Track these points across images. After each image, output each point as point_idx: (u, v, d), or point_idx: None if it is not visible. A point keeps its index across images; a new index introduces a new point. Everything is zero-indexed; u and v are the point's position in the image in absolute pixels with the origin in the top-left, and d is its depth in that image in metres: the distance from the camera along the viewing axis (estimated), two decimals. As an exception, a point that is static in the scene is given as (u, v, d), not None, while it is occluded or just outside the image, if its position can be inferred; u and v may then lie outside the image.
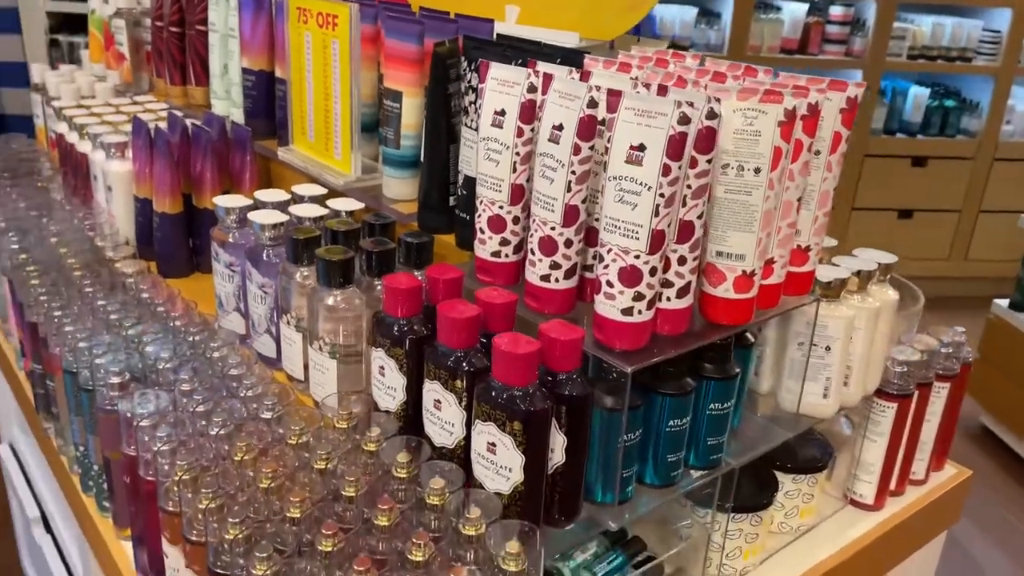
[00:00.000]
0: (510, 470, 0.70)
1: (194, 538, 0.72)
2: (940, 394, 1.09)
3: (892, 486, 1.09)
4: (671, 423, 0.79)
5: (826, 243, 1.00)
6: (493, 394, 0.70)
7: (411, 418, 0.82)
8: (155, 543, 0.79)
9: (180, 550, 0.74)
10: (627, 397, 0.72)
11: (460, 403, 0.75)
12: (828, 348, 0.93)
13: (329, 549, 0.65)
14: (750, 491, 0.94)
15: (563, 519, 0.76)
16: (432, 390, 0.76)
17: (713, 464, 0.85)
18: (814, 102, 0.75)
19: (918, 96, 3.88)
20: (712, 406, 0.82)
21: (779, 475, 0.99)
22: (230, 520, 0.68)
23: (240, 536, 0.67)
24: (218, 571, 0.68)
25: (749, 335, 0.90)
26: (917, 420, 1.07)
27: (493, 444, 0.71)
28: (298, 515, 0.69)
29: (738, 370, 0.83)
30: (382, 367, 0.82)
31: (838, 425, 1.09)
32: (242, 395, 0.86)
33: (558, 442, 0.72)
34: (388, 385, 0.82)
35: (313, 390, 0.92)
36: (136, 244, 1.29)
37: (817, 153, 0.81)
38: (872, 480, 1.06)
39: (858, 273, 0.94)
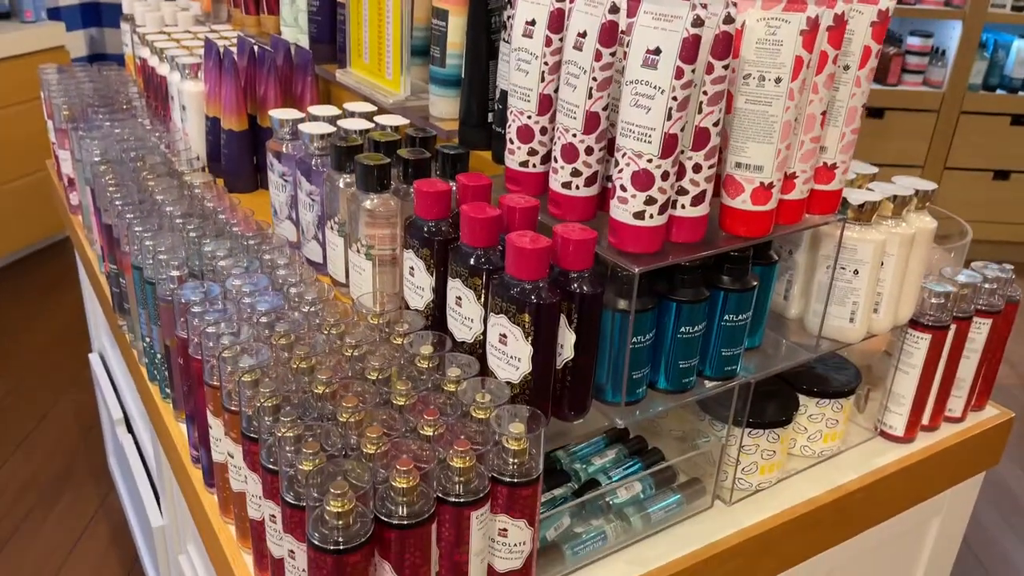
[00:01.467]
0: (519, 360, 0.75)
1: (232, 408, 0.78)
2: (981, 330, 1.08)
3: (925, 420, 1.09)
4: (683, 329, 0.81)
5: (866, 170, 0.99)
6: (505, 288, 0.74)
7: (436, 316, 0.86)
8: (202, 417, 0.87)
9: (220, 420, 0.82)
10: (634, 298, 0.75)
11: (479, 299, 0.79)
12: (856, 272, 0.93)
13: (347, 419, 0.71)
14: (769, 409, 0.96)
15: (573, 414, 0.80)
16: (454, 287, 0.81)
17: (728, 375, 0.87)
18: (840, 12, 0.75)
19: (1022, 50, 3.66)
20: (727, 317, 0.84)
21: (802, 398, 1.00)
22: (261, 391, 0.74)
23: (269, 405, 0.73)
24: (250, 435, 0.75)
25: (773, 253, 0.91)
26: (954, 355, 1.06)
27: (504, 336, 0.75)
28: (323, 391, 0.75)
29: (755, 283, 0.84)
30: (412, 268, 0.87)
31: (877, 360, 1.09)
32: (286, 291, 0.92)
33: (568, 339, 0.76)
34: (417, 285, 0.87)
35: (353, 291, 0.98)
36: (206, 161, 1.37)
37: (846, 68, 0.81)
38: (903, 412, 1.06)
39: (893, 198, 0.94)
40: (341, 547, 0.62)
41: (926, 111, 3.75)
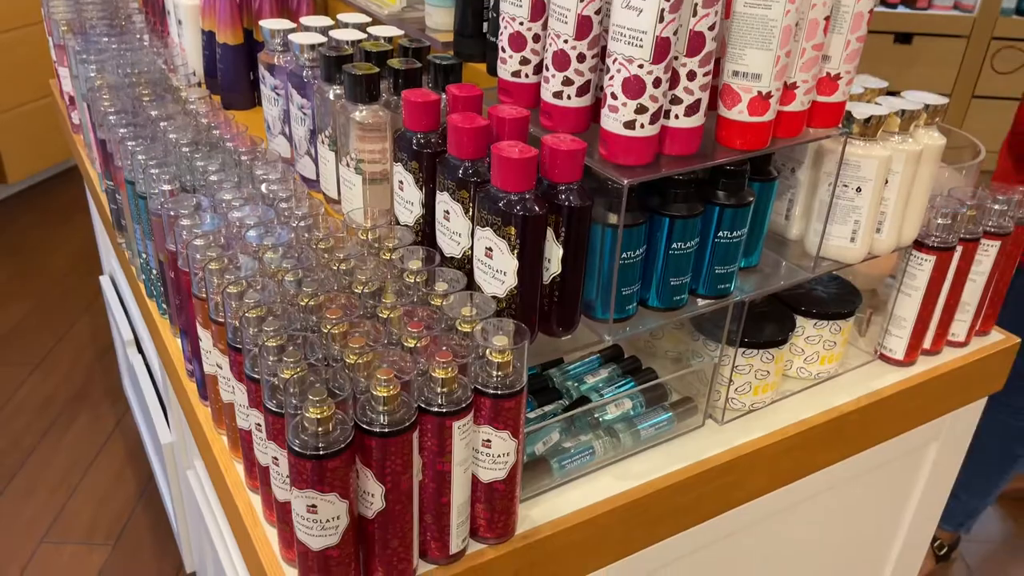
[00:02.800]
0: (504, 274, 0.74)
1: (219, 319, 0.78)
2: (988, 253, 1.05)
3: (927, 344, 1.07)
4: (675, 245, 0.79)
5: (876, 83, 0.95)
6: (491, 200, 0.72)
7: (427, 232, 0.85)
8: (193, 329, 0.87)
9: (209, 332, 0.82)
10: (623, 212, 0.73)
11: (466, 213, 0.77)
12: (859, 189, 0.90)
13: (330, 330, 0.71)
14: (765, 329, 0.95)
15: (561, 329, 0.79)
16: (442, 201, 0.79)
17: (721, 294, 0.85)
18: (846, -91, 0.71)
19: (1060, -31, 3.51)
20: (722, 234, 0.82)
21: (800, 319, 0.99)
22: (246, 302, 0.74)
23: (253, 316, 0.73)
24: (235, 346, 0.75)
25: (773, 170, 0.88)
26: (959, 278, 1.04)
27: (490, 249, 0.74)
28: (307, 302, 0.74)
29: (751, 199, 0.82)
30: (401, 182, 0.85)
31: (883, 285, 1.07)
32: (277, 205, 0.91)
33: (555, 253, 0.74)
34: (406, 199, 0.86)
35: (344, 207, 0.97)
36: (203, 77, 1.34)
37: (853, -29, 0.77)
38: (903, 335, 1.05)
39: (900, 113, 0.90)
40: (320, 452, 0.62)
41: (956, 36, 3.62)
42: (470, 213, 0.77)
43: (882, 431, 1.05)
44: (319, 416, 0.63)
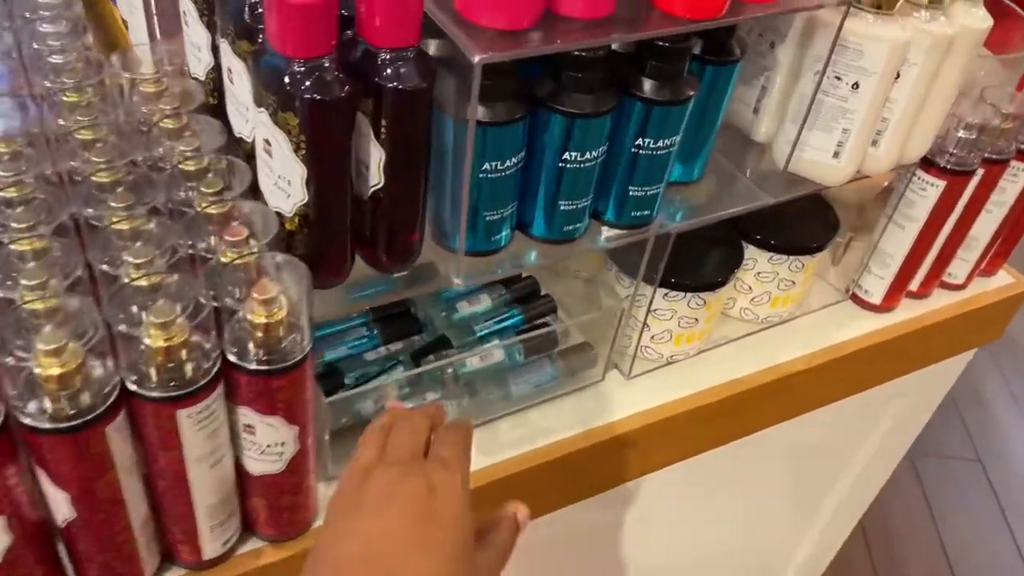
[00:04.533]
0: (289, 183, 0.48)
1: None
2: (1017, 178, 0.79)
3: (913, 287, 0.84)
4: (569, 157, 0.54)
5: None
6: (266, 69, 0.46)
7: (221, 92, 0.59)
8: None
9: None
10: (474, 102, 0.47)
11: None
12: (856, 86, 0.63)
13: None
14: (700, 264, 0.71)
15: (391, 263, 0.55)
16: (225, 53, 0.53)
17: (637, 223, 0.61)
18: None
19: None
20: (642, 142, 0.56)
21: (751, 250, 0.75)
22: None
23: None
24: None
25: (735, 44, 0.61)
26: (973, 207, 0.79)
27: (268, 143, 0.48)
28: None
29: (691, 93, 0.55)
30: (185, 11, 0.58)
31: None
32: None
33: (375, 156, 0.49)
34: (193, 41, 0.58)
35: (132, 36, 0.69)
36: None
37: None
38: (886, 276, 0.81)
39: (936, -23, 0.62)
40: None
41: None
42: (261, 78, 0.51)
43: (835, 391, 0.84)
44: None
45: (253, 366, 0.47)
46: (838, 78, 0.63)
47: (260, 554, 0.57)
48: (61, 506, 0.46)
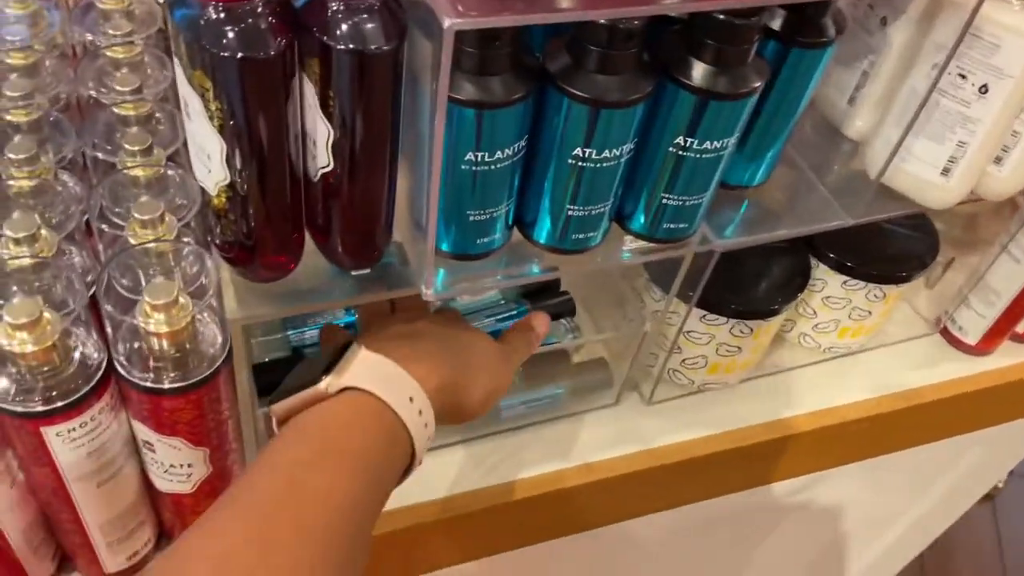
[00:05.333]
0: (209, 157, 0.38)
1: None
2: None
3: (1021, 328, 0.69)
4: (582, 152, 0.42)
5: None
6: (178, 10, 0.35)
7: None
8: None
9: None
10: (441, 78, 0.35)
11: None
12: (984, 89, 0.48)
13: None
14: (751, 282, 0.58)
15: (347, 258, 0.44)
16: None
17: (670, 237, 0.48)
18: None
19: None
20: (682, 141, 0.43)
21: (823, 270, 0.62)
22: None
23: None
24: None
25: (830, 23, 0.46)
26: (1114, 248, 0.63)
27: (187, 104, 0.38)
28: None
29: (756, 85, 0.42)
30: (144, -81, 0.47)
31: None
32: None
33: (320, 132, 0.38)
34: (153, -46, 0.48)
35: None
36: None
37: None
38: (988, 315, 0.67)
39: (1123, -48, 0.46)
40: None
41: None
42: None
43: (903, 441, 0.71)
44: None
45: (143, 383, 0.38)
46: (962, 76, 0.49)
47: (177, 569, 0.49)
48: (-88, 515, 0.39)
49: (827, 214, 0.53)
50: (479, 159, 0.40)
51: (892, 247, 0.62)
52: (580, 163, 0.42)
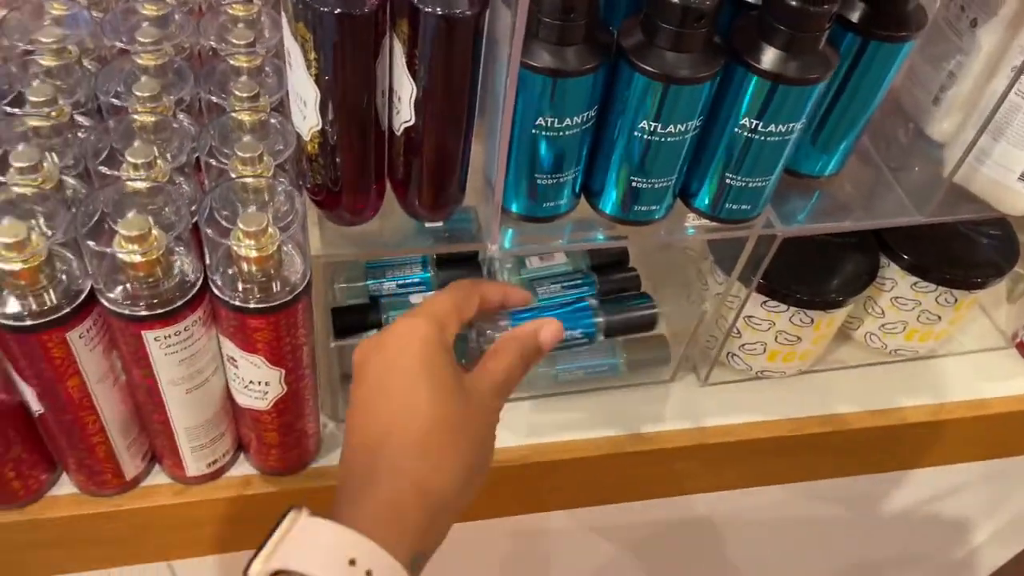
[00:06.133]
0: (304, 104, 0.42)
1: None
2: None
3: (1104, 351, 0.67)
4: (648, 126, 0.44)
5: None
6: (288, -36, 0.39)
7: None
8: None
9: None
10: (518, 39, 0.38)
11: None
12: (1071, 94, 0.48)
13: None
14: (816, 273, 0.59)
15: (423, 209, 0.48)
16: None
17: (734, 218, 0.50)
18: None
19: None
20: (747, 122, 0.45)
21: (893, 268, 0.62)
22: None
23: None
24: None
25: (912, 17, 0.47)
26: None
27: (289, 54, 0.42)
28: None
29: (823, 72, 0.43)
30: None
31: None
32: None
33: (405, 88, 0.42)
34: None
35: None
36: None
37: None
38: (1068, 332, 0.65)
39: None
40: None
41: None
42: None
43: (964, 453, 0.70)
44: None
45: (232, 300, 0.42)
46: (1049, 79, 0.48)
47: (249, 482, 0.54)
48: (31, 399, 0.45)
49: (896, 210, 0.53)
50: (549, 124, 0.43)
51: (967, 252, 0.62)
52: (646, 136, 0.44)
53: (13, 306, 0.40)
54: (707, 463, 0.62)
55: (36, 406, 0.45)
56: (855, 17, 0.46)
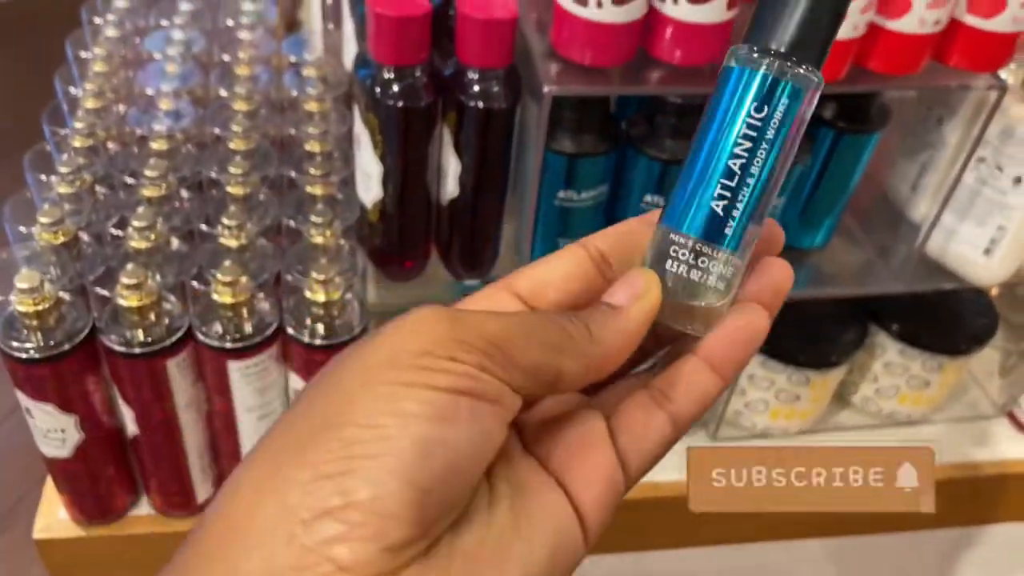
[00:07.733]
0: (369, 178, 0.52)
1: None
2: None
3: (1090, 420, 0.72)
4: (652, 200, 0.53)
5: None
6: (360, 68, 0.49)
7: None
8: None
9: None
10: (541, 131, 0.47)
11: (376, 77, 0.55)
12: (1019, 180, 0.56)
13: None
14: (807, 336, 0.66)
15: (463, 269, 0.56)
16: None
17: (729, 281, 0.58)
18: None
19: None
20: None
21: (882, 336, 0.68)
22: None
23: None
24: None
25: (876, 115, 0.56)
26: None
27: (358, 138, 0.52)
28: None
29: (803, 156, 0.52)
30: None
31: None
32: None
33: (452, 166, 0.51)
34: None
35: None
36: None
37: None
38: (1051, 400, 0.71)
39: None
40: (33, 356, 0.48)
41: None
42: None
43: (954, 518, 0.74)
44: (32, 309, 0.48)
45: (300, 338, 0.51)
46: (999, 168, 0.56)
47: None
48: (129, 421, 0.53)
49: (874, 280, 0.61)
50: (568, 196, 0.52)
51: (950, 322, 0.68)
52: (648, 208, 0.53)
53: (129, 336, 0.49)
54: (709, 516, 0.67)
55: (132, 428, 0.53)
56: (828, 115, 0.55)
